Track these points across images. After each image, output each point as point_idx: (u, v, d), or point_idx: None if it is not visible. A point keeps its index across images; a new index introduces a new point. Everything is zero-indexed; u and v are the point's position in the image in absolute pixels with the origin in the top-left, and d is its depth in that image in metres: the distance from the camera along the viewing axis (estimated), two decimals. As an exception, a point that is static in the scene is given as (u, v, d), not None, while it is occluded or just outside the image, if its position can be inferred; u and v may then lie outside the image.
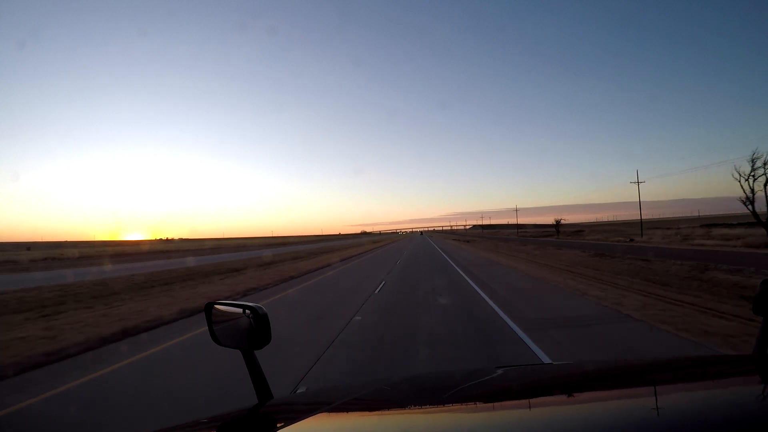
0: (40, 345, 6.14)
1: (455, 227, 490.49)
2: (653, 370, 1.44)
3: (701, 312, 7.25)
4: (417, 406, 1.22)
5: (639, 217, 51.79)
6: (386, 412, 1.18)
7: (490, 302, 8.84)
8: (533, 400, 1.19)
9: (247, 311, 1.28)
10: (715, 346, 5.19)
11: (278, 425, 1.05)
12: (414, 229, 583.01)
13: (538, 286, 11.68)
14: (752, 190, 28.56)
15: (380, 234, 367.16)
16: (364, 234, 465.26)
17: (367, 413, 1.18)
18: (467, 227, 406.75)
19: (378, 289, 11.55)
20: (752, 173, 28.29)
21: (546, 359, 4.80)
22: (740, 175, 28.72)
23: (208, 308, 1.44)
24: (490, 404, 1.18)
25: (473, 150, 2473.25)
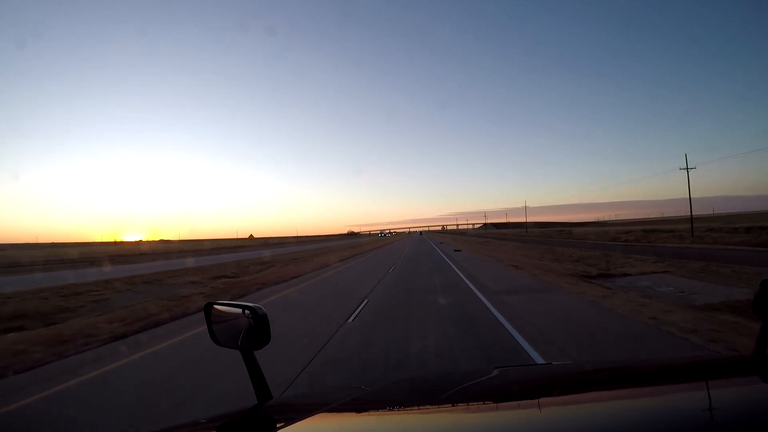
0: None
1: (462, 226, 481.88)
2: (652, 371, 1.43)
3: None
4: (416, 407, 1.23)
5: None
6: (386, 412, 1.19)
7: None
8: (532, 401, 1.19)
9: (246, 311, 1.28)
10: None
11: (278, 425, 1.05)
12: (412, 229, 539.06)
13: None
14: None
15: (369, 235, 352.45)
16: (351, 235, 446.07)
17: (366, 413, 1.18)
18: (476, 226, 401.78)
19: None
20: None
21: None
22: None
23: (208, 308, 1.42)
24: (489, 404, 1.19)
25: (473, 149, 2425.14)
